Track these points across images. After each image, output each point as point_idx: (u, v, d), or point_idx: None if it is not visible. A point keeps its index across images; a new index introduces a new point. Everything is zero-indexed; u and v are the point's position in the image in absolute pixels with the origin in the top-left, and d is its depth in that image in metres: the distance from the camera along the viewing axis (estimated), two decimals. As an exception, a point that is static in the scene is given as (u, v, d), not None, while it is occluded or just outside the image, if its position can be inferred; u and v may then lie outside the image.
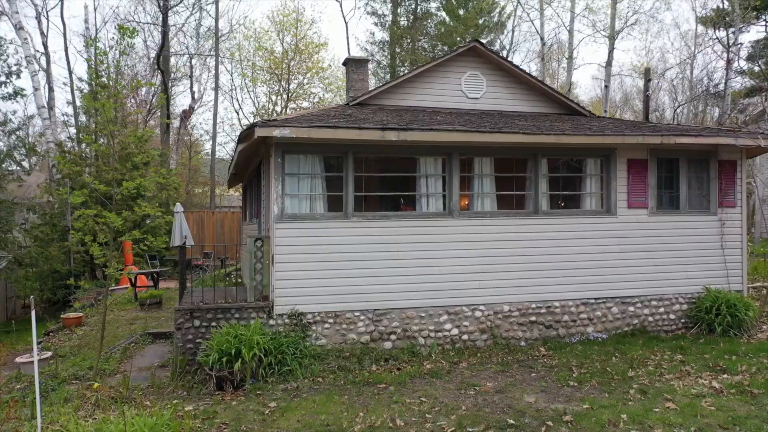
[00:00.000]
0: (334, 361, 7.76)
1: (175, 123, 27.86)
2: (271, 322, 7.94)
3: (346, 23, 33.26)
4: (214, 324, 7.77)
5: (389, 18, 30.71)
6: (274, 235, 7.97)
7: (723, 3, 33.04)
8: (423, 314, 8.49)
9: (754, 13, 30.87)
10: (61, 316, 11.47)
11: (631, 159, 9.41)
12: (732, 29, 34.83)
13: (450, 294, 8.59)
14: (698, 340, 8.76)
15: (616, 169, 9.34)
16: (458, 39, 30.27)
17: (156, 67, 23.19)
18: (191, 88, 33.16)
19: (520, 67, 11.51)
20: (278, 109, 33.29)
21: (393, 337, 8.36)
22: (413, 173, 8.86)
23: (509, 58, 21.58)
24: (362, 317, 8.27)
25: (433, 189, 8.81)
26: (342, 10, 47.06)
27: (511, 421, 5.68)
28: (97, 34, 30.57)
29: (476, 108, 11.13)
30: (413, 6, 30.59)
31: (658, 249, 9.46)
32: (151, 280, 14.71)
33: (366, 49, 30.75)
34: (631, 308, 9.32)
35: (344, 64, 13.23)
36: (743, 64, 32.42)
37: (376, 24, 30.72)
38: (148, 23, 26.84)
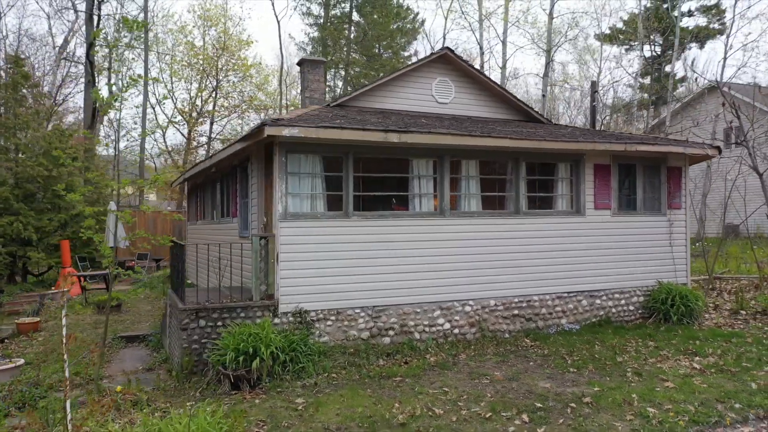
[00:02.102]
0: (341, 357, 7.88)
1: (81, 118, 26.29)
2: (276, 320, 7.93)
3: (278, 22, 32.91)
4: (219, 324, 7.65)
5: (322, 20, 30.76)
6: (279, 233, 7.97)
7: (622, 23, 35.97)
8: (418, 310, 8.80)
9: (647, 34, 34.05)
10: (16, 321, 10.67)
11: (597, 164, 10.25)
12: (626, 47, 38.09)
13: (442, 290, 8.96)
14: (659, 328, 9.72)
15: (584, 173, 10.14)
16: (374, 44, 30.96)
17: (85, 58, 21.81)
18: (109, 81, 31.49)
19: (486, 74, 12.13)
20: (199, 103, 32.37)
21: (391, 332, 8.61)
22: (406, 174, 9.15)
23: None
24: (362, 314, 8.45)
25: (425, 189, 9.15)
26: (274, 9, 46.51)
27: (539, 405, 6.14)
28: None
29: (446, 112, 11.61)
30: (348, 9, 30.83)
31: (619, 246, 10.38)
32: (103, 282, 13.96)
33: (304, 49, 30.57)
34: (598, 301, 10.16)
35: (299, 64, 13.22)
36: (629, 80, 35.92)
37: (310, 25, 30.63)
38: (72, 9, 25.10)
